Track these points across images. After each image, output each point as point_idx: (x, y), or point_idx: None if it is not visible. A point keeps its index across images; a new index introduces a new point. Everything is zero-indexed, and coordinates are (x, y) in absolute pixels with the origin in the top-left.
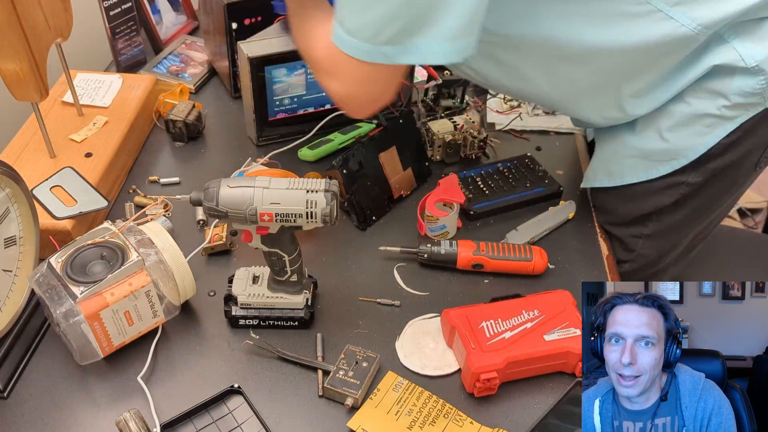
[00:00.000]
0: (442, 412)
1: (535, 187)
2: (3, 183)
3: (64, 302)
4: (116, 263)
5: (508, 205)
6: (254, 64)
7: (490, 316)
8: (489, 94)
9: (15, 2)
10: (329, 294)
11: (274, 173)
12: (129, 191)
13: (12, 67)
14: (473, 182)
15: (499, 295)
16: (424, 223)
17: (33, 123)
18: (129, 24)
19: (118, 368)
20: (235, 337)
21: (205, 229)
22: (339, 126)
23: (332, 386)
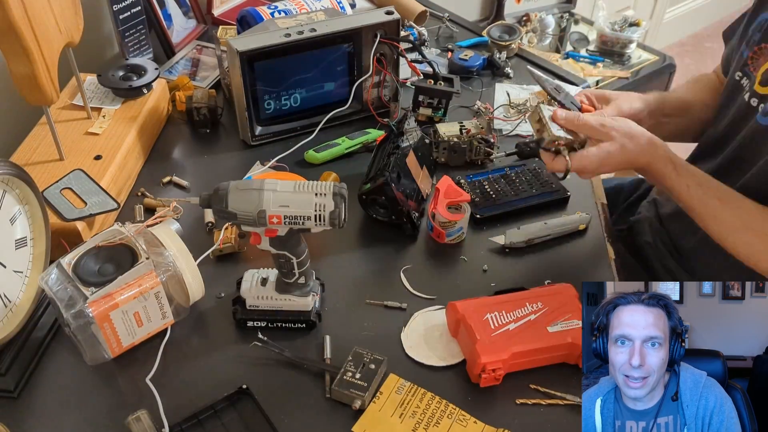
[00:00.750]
0: (446, 412)
1: (543, 192)
2: (14, 185)
3: (75, 303)
4: (126, 265)
5: (515, 210)
6: (244, 58)
7: (494, 309)
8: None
9: (26, 7)
10: (336, 295)
11: (283, 176)
12: (138, 194)
13: (23, 70)
14: (480, 186)
15: (502, 288)
16: (443, 230)
17: (43, 126)
18: (138, 27)
19: (127, 369)
20: (244, 339)
21: (214, 232)
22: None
23: (340, 388)
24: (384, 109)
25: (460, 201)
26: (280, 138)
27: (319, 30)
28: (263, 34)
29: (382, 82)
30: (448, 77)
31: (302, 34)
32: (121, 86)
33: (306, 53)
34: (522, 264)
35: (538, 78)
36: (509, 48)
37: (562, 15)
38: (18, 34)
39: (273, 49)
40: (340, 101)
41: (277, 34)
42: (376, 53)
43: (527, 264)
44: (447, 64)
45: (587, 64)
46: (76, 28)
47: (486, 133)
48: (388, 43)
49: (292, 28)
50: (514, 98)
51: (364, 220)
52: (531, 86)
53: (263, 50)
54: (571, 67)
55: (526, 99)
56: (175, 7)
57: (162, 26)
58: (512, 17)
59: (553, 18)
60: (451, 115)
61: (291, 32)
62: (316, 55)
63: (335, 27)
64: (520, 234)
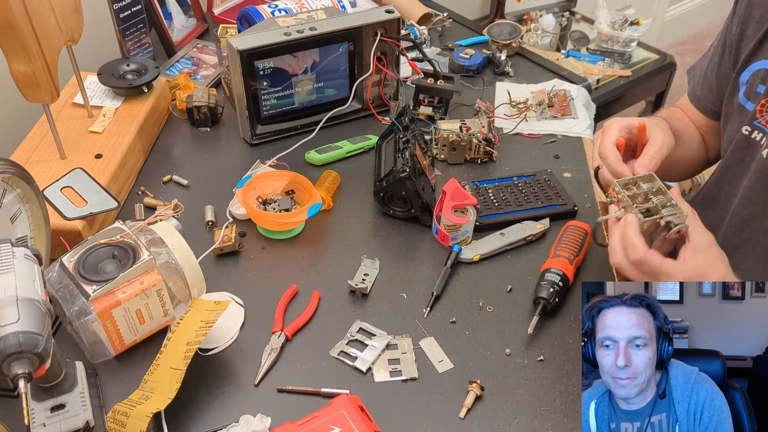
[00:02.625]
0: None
1: (549, 204)
2: (14, 183)
3: (77, 301)
4: (128, 262)
5: (516, 220)
6: (245, 57)
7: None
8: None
9: (27, 5)
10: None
11: (282, 176)
12: (138, 192)
13: (24, 69)
14: (485, 193)
15: None
16: (448, 233)
17: (44, 124)
18: (138, 26)
19: (129, 367)
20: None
21: (214, 231)
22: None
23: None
24: (385, 108)
25: (466, 204)
26: (281, 137)
27: (320, 29)
28: (263, 33)
29: (383, 80)
30: (449, 76)
31: (302, 32)
32: (122, 85)
33: (306, 52)
34: (522, 265)
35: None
36: (509, 47)
37: (563, 13)
38: (18, 32)
39: (273, 47)
40: (340, 100)
41: (277, 33)
42: (377, 52)
43: (527, 265)
44: (447, 63)
45: (588, 63)
46: (76, 27)
47: (487, 133)
48: (389, 41)
49: (293, 27)
50: (515, 97)
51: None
52: (530, 85)
53: (263, 49)
54: (572, 65)
55: (526, 98)
56: (175, 6)
57: (162, 25)
58: (512, 16)
59: (553, 17)
60: (453, 113)
61: (291, 31)
62: (317, 53)
63: (335, 26)
64: (470, 250)
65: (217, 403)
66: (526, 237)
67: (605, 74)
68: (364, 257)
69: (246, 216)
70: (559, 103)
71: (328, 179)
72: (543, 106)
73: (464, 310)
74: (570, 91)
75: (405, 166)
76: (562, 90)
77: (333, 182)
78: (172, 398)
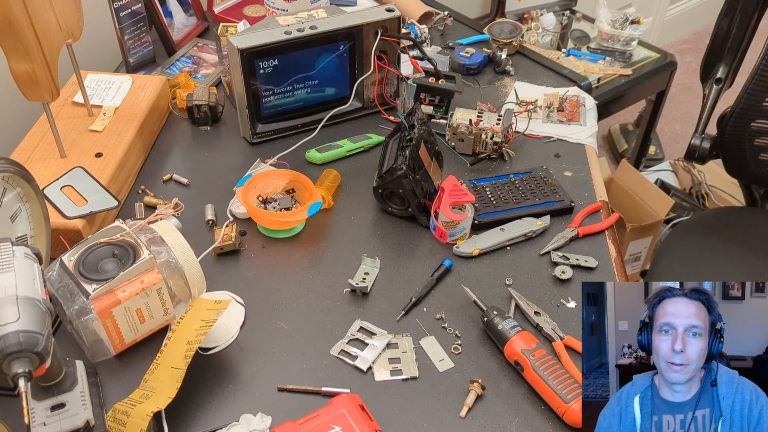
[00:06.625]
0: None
1: (546, 201)
2: (14, 182)
3: (77, 300)
4: (128, 261)
5: (514, 217)
6: (245, 55)
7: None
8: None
9: (27, 3)
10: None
11: (283, 174)
12: (138, 191)
13: (24, 67)
14: (482, 191)
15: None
16: (446, 230)
17: (44, 123)
18: (138, 25)
19: (129, 366)
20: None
21: (214, 230)
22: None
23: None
24: (387, 106)
25: (464, 201)
26: (281, 136)
27: (320, 27)
28: (264, 32)
29: (384, 79)
30: (450, 75)
31: (303, 31)
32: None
33: (306, 50)
34: (520, 265)
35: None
36: (510, 45)
37: (563, 12)
38: (18, 31)
39: (274, 46)
40: (341, 99)
41: (277, 32)
42: (377, 51)
43: (527, 261)
44: (448, 61)
45: (588, 62)
46: (76, 25)
47: (498, 131)
48: (389, 40)
49: (293, 26)
50: (523, 96)
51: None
52: (545, 87)
53: (264, 48)
54: (572, 64)
55: (536, 99)
56: (175, 5)
57: (162, 23)
58: (513, 14)
59: (554, 15)
60: (473, 105)
61: (291, 30)
62: (317, 52)
63: (336, 24)
64: (469, 245)
65: (217, 402)
66: (526, 233)
67: (606, 73)
68: (364, 256)
69: (246, 215)
70: (569, 108)
71: (329, 178)
72: (552, 108)
73: (464, 309)
74: (585, 99)
75: (403, 163)
76: (575, 96)
77: (333, 181)
78: (173, 397)
